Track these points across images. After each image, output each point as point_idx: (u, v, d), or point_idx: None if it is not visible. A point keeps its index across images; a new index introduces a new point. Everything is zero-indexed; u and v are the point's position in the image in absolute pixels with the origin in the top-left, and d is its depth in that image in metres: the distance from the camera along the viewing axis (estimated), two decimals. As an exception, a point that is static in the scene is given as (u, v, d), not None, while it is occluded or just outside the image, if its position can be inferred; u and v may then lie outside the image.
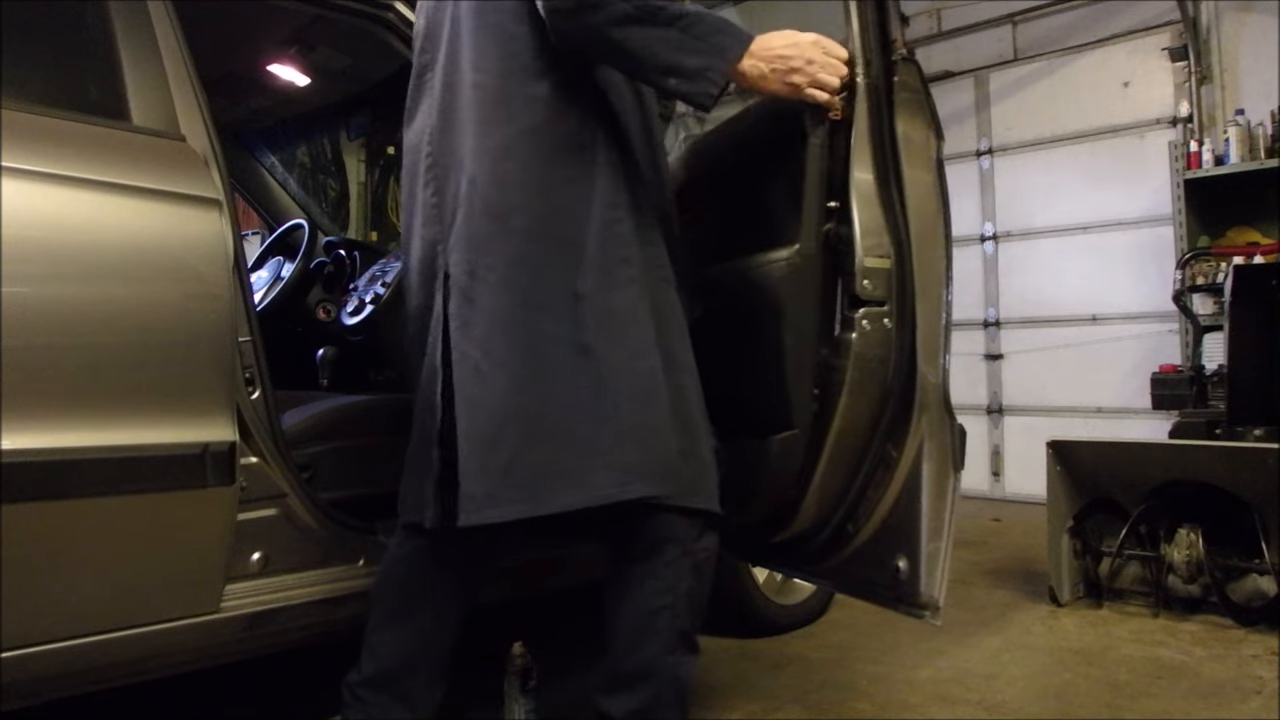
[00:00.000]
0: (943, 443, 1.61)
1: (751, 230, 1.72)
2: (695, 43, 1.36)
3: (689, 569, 1.46)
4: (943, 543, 1.58)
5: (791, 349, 1.61)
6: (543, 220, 1.41)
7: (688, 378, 1.50)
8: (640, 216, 1.47)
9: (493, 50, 1.43)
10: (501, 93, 1.42)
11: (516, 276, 1.40)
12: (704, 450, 1.49)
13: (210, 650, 1.62)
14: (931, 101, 1.67)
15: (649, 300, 1.44)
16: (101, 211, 1.46)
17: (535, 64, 1.42)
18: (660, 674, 1.44)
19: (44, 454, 1.35)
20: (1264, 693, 2.18)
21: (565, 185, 1.42)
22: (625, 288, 1.42)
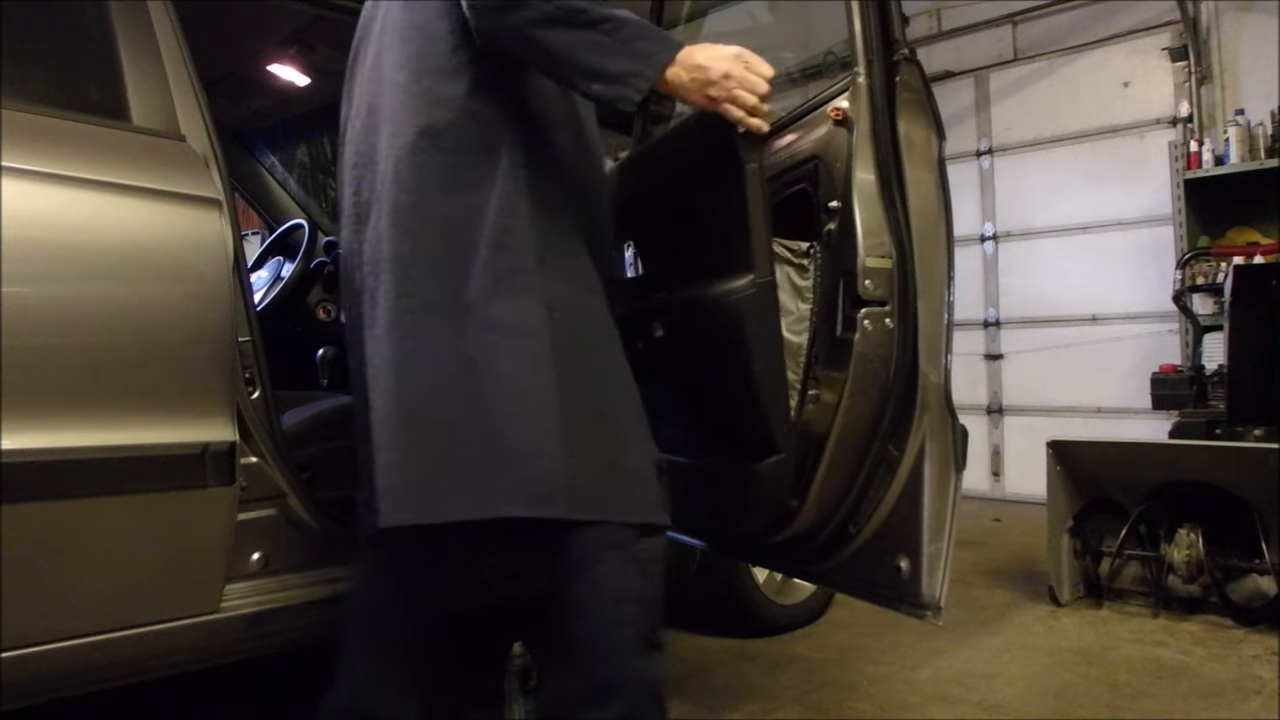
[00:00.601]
0: (944, 443, 1.61)
1: (705, 253, 1.66)
2: (619, 47, 1.33)
3: (635, 573, 1.40)
4: (944, 543, 1.58)
5: (762, 376, 1.56)
6: (437, 223, 1.38)
7: (615, 389, 1.44)
8: (551, 225, 1.41)
9: (412, 48, 1.42)
10: (414, 91, 1.40)
11: (407, 279, 1.37)
12: (634, 460, 1.43)
13: (210, 650, 1.62)
14: (933, 101, 1.67)
15: (550, 311, 1.38)
16: (101, 211, 1.46)
17: (450, 63, 1.39)
18: (634, 682, 1.40)
19: (44, 454, 1.35)
20: (1264, 693, 2.18)
21: (465, 189, 1.38)
22: (515, 298, 1.36)
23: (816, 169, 1.72)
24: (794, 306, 1.74)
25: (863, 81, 1.64)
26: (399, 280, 1.38)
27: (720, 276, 1.57)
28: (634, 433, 1.45)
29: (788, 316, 1.75)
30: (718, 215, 1.57)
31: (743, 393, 1.58)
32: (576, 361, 1.39)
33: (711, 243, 1.61)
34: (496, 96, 1.40)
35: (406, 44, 1.43)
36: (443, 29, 1.40)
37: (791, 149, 1.81)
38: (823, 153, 1.72)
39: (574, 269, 1.44)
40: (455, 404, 1.36)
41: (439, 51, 1.40)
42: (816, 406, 1.68)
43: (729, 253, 1.56)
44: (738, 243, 1.53)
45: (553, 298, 1.39)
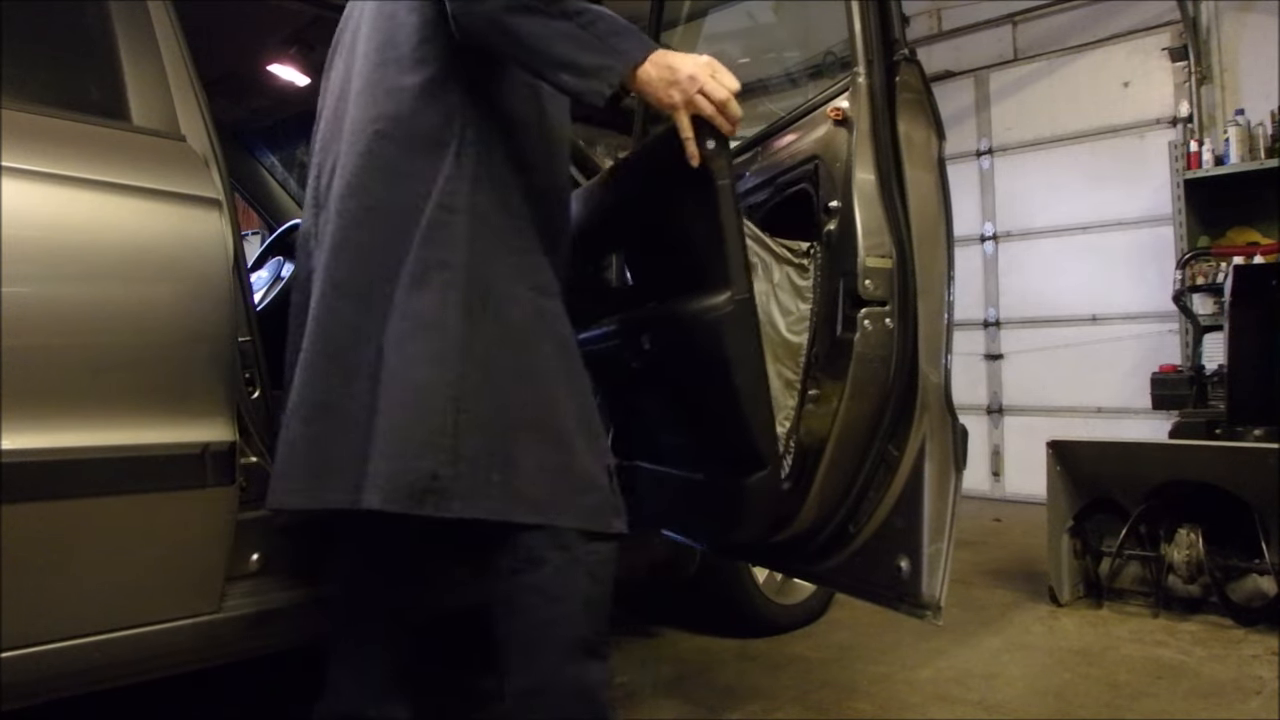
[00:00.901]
0: (944, 443, 1.61)
1: (684, 266, 1.63)
2: (594, 40, 1.31)
3: (581, 575, 1.37)
4: (944, 543, 1.57)
5: (745, 392, 1.53)
6: (373, 210, 1.38)
7: (556, 392, 1.40)
8: (498, 222, 1.39)
9: (381, 37, 1.43)
10: (373, 79, 1.41)
11: (336, 264, 1.39)
12: (579, 465, 1.39)
13: (210, 650, 1.62)
14: (933, 101, 1.67)
15: (472, 309, 1.35)
16: (101, 211, 1.46)
17: (413, 55, 1.39)
18: (562, 686, 1.36)
19: (44, 454, 1.35)
20: (1264, 693, 2.18)
21: (406, 179, 1.37)
22: (434, 292, 1.34)
23: (816, 169, 1.72)
24: (794, 306, 1.74)
25: (863, 81, 1.64)
26: (328, 264, 1.40)
27: (699, 292, 1.55)
28: (578, 437, 1.40)
29: (788, 316, 1.75)
30: (693, 231, 1.55)
31: (727, 408, 1.56)
32: (505, 362, 1.36)
33: (690, 257, 1.59)
34: (455, 90, 1.39)
35: (377, 33, 1.44)
36: (411, 21, 1.41)
37: (791, 149, 1.81)
38: (823, 153, 1.71)
39: (519, 266, 1.41)
40: (362, 393, 1.35)
41: (403, 41, 1.41)
42: (816, 406, 1.68)
43: (707, 268, 1.54)
44: (714, 259, 1.51)
45: (483, 295, 1.36)
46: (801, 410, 1.72)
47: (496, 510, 1.33)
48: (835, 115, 1.68)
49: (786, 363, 1.75)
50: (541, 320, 1.42)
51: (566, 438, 1.39)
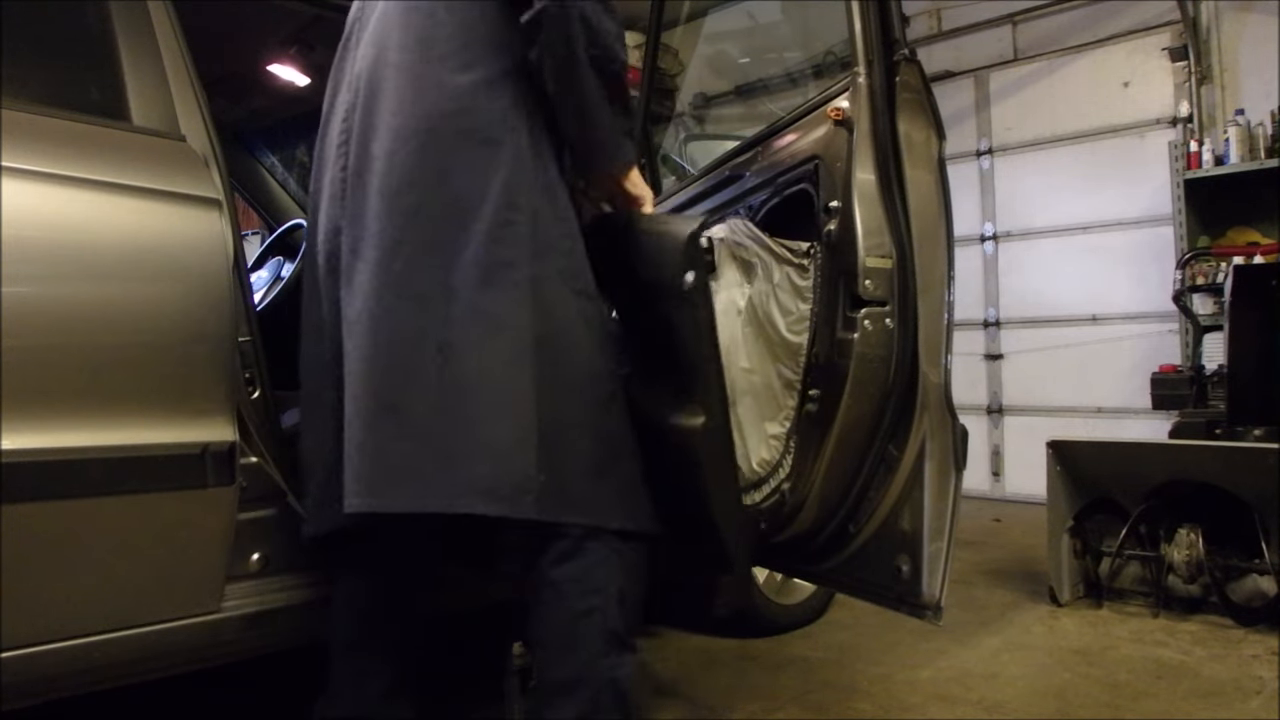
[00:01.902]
0: (944, 443, 1.61)
1: (662, 364, 1.62)
2: (623, 127, 1.49)
3: (618, 568, 1.40)
4: (944, 543, 1.57)
5: (716, 501, 1.55)
6: (431, 205, 1.37)
7: (600, 395, 1.43)
8: (551, 221, 1.41)
9: (420, 32, 1.42)
10: (418, 72, 1.40)
11: (391, 260, 1.36)
12: (622, 467, 1.43)
13: (210, 650, 1.62)
14: (933, 101, 1.67)
15: (538, 309, 1.36)
16: (101, 211, 1.46)
17: (461, 55, 1.40)
18: (597, 679, 1.38)
19: (44, 454, 1.35)
20: (1264, 693, 2.18)
21: (464, 174, 1.37)
22: (504, 291, 1.35)
23: (816, 169, 1.72)
24: (794, 306, 1.74)
25: (863, 81, 1.64)
26: (381, 260, 1.37)
27: (676, 401, 1.55)
28: (620, 440, 1.44)
29: (788, 316, 1.75)
30: (674, 349, 1.56)
31: (699, 510, 1.58)
32: (561, 364, 1.38)
33: (668, 361, 1.59)
34: (507, 92, 1.41)
35: (413, 28, 1.43)
36: (453, 20, 1.41)
37: (791, 149, 1.81)
38: (823, 153, 1.71)
39: (568, 268, 1.43)
40: (429, 392, 1.34)
41: (444, 39, 1.40)
42: (816, 407, 1.68)
43: (685, 384, 1.55)
44: (692, 380, 1.53)
45: (542, 295, 1.38)
46: (801, 410, 1.72)
47: (554, 510, 1.35)
48: (835, 115, 1.68)
49: (786, 363, 1.75)
50: (584, 322, 1.43)
51: (611, 441, 1.43)
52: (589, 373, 1.42)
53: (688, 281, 1.45)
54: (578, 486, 1.37)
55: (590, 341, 1.43)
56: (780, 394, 1.76)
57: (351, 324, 1.40)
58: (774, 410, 1.78)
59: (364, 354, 1.37)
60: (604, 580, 1.39)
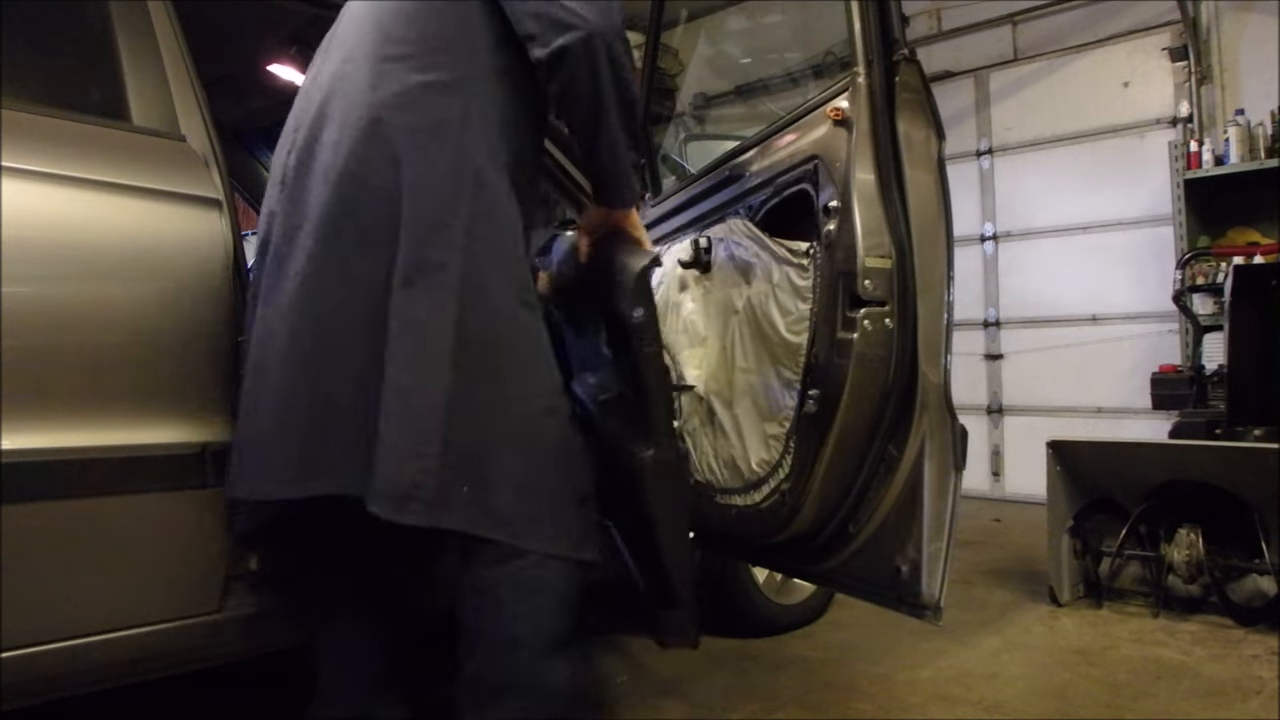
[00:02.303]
0: (944, 443, 1.61)
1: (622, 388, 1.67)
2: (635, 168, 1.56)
3: (555, 572, 1.38)
4: (944, 543, 1.57)
5: (663, 538, 1.57)
6: (370, 197, 1.34)
7: (534, 408, 1.39)
8: (490, 231, 1.37)
9: (387, 32, 1.41)
10: (379, 70, 1.39)
11: (326, 247, 1.35)
12: (551, 486, 1.39)
13: (210, 650, 1.62)
14: (933, 101, 1.66)
15: (466, 314, 1.33)
16: (101, 211, 1.46)
17: (423, 58, 1.39)
18: (528, 684, 1.36)
19: (44, 454, 1.35)
20: (1264, 693, 2.18)
21: (407, 168, 1.34)
22: (427, 292, 1.32)
23: (816, 169, 1.72)
24: (794, 306, 1.74)
25: (862, 81, 1.63)
26: (318, 249, 1.35)
27: (633, 430, 1.59)
28: (554, 458, 1.40)
29: (788, 316, 1.75)
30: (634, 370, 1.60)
31: (648, 546, 1.60)
32: (488, 372, 1.35)
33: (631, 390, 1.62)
34: (462, 95, 1.39)
35: (383, 28, 1.42)
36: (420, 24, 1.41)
37: (791, 149, 1.81)
38: (823, 153, 1.71)
39: (511, 277, 1.39)
40: (343, 379, 1.33)
41: (414, 39, 1.40)
42: (816, 407, 1.68)
43: (637, 411, 1.59)
44: (641, 412, 1.57)
45: (474, 300, 1.34)
46: (801, 410, 1.72)
47: (465, 522, 1.32)
48: (835, 115, 1.68)
49: (786, 363, 1.75)
50: (523, 332, 1.40)
51: (541, 458, 1.38)
52: (522, 385, 1.38)
53: (636, 317, 1.51)
54: (495, 500, 1.33)
55: (527, 352, 1.40)
56: (780, 394, 1.76)
57: (283, 309, 1.38)
58: (773, 410, 1.78)
59: (293, 339, 1.36)
60: (540, 584, 1.36)
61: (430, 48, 1.39)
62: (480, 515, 1.32)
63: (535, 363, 1.41)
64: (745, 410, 1.85)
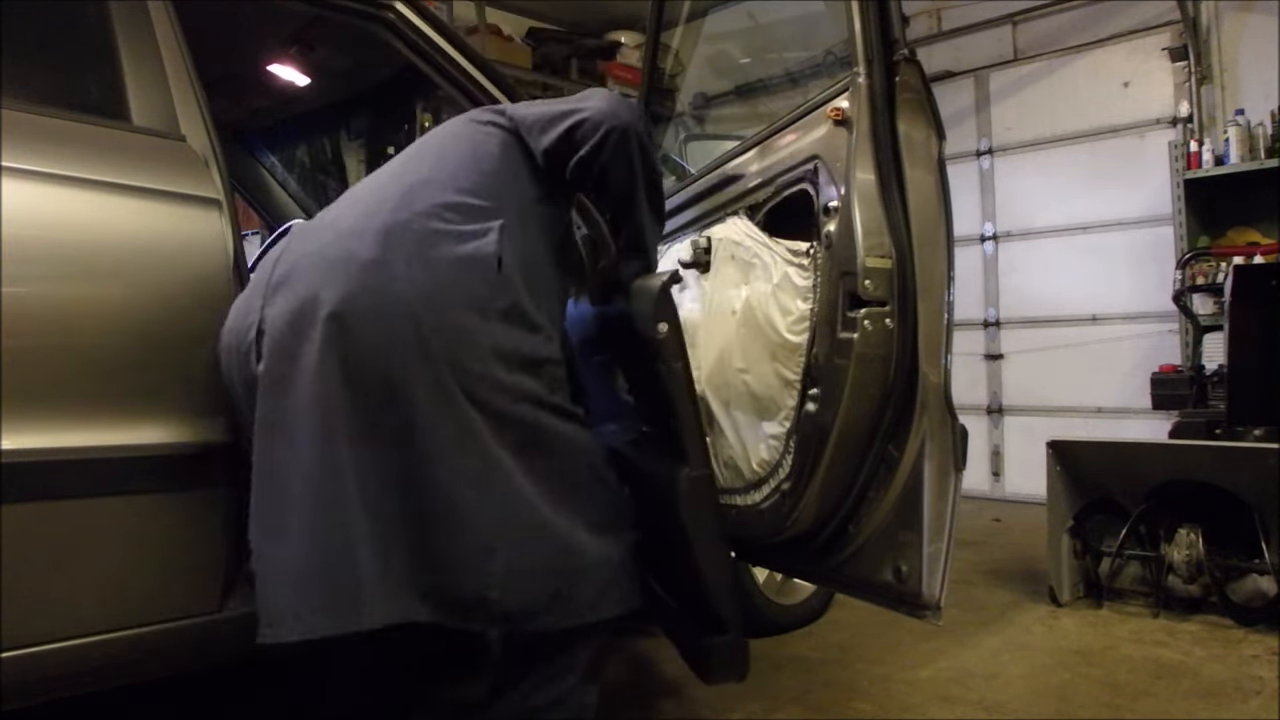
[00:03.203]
0: (944, 443, 1.61)
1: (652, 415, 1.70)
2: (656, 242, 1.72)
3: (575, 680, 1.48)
4: (944, 543, 1.57)
5: (704, 561, 1.58)
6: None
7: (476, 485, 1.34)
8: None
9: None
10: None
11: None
12: (582, 558, 1.41)
13: (210, 650, 1.62)
14: (933, 101, 1.67)
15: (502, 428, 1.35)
16: (101, 211, 1.46)
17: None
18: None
19: (44, 454, 1.35)
20: (1264, 693, 2.18)
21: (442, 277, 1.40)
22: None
23: (816, 169, 1.72)
24: (794, 306, 1.74)
25: (863, 81, 1.64)
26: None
27: (662, 454, 1.61)
28: (532, 532, 1.38)
29: (788, 316, 1.75)
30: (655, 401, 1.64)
31: (689, 571, 1.60)
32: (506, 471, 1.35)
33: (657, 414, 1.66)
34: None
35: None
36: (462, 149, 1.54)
37: (791, 149, 1.81)
38: (823, 153, 1.71)
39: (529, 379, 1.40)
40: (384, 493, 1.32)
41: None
42: (816, 406, 1.68)
43: (667, 436, 1.62)
44: (673, 433, 1.60)
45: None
46: (801, 410, 1.72)
47: (534, 620, 1.38)
48: (835, 115, 1.68)
49: (786, 363, 1.75)
50: (538, 428, 1.40)
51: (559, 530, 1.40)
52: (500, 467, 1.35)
53: (660, 332, 1.54)
54: (528, 593, 1.38)
55: (480, 439, 1.34)
56: (780, 394, 1.76)
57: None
58: (773, 410, 1.78)
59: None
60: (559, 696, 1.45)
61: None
62: (508, 612, 1.41)
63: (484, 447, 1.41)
64: (745, 410, 1.86)
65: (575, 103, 1.55)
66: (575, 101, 1.56)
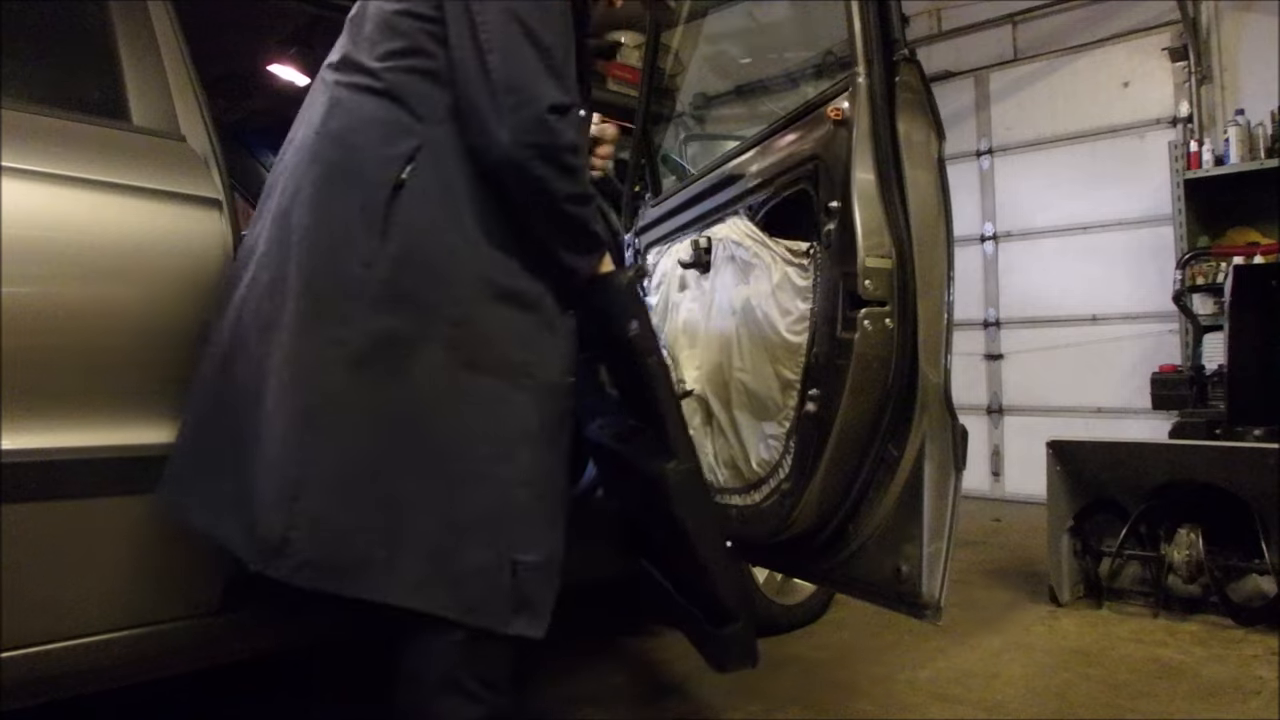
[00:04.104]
0: (944, 443, 1.61)
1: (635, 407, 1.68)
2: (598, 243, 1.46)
3: (454, 661, 1.31)
4: (944, 543, 1.57)
5: (702, 553, 1.56)
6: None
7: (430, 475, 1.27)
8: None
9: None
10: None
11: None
12: (471, 557, 1.28)
13: (210, 650, 1.62)
14: (933, 101, 1.66)
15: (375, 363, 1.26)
16: (101, 211, 1.46)
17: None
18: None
19: (44, 454, 1.35)
20: (1264, 693, 2.18)
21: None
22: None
23: (816, 169, 1.72)
24: (794, 306, 1.74)
25: (862, 81, 1.63)
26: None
27: (649, 449, 1.59)
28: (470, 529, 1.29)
29: (788, 317, 1.75)
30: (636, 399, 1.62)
31: (689, 563, 1.59)
32: (402, 428, 1.26)
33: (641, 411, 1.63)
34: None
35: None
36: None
37: (791, 149, 1.81)
38: (823, 153, 1.71)
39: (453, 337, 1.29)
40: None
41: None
42: (816, 407, 1.68)
43: (654, 429, 1.59)
44: (659, 430, 1.57)
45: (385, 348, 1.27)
46: (801, 410, 1.72)
47: (324, 580, 1.24)
48: (835, 115, 1.68)
49: (786, 363, 1.75)
50: (464, 397, 1.30)
51: (456, 523, 1.28)
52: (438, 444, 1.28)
53: (632, 330, 1.50)
54: (407, 566, 1.25)
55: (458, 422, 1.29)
56: (779, 394, 1.76)
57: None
58: (773, 410, 1.78)
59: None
60: (443, 667, 1.29)
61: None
62: (388, 580, 1.30)
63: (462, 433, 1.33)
64: (745, 410, 1.86)
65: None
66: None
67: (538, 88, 1.29)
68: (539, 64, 1.30)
